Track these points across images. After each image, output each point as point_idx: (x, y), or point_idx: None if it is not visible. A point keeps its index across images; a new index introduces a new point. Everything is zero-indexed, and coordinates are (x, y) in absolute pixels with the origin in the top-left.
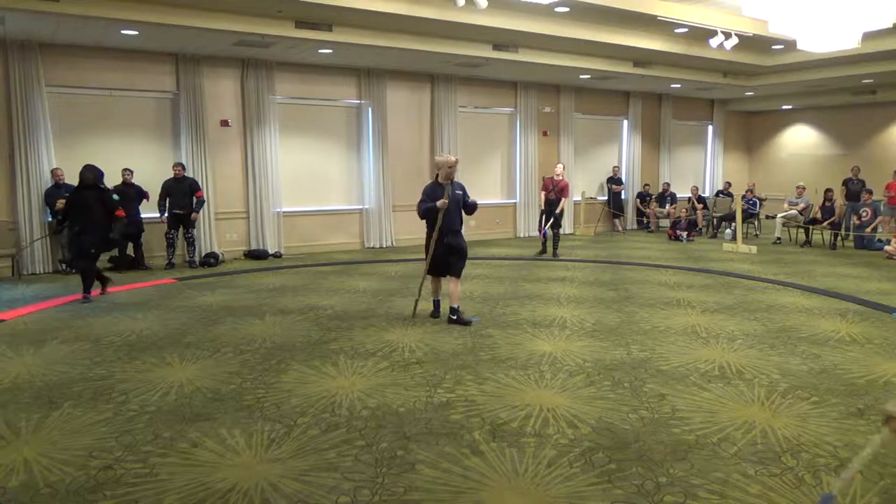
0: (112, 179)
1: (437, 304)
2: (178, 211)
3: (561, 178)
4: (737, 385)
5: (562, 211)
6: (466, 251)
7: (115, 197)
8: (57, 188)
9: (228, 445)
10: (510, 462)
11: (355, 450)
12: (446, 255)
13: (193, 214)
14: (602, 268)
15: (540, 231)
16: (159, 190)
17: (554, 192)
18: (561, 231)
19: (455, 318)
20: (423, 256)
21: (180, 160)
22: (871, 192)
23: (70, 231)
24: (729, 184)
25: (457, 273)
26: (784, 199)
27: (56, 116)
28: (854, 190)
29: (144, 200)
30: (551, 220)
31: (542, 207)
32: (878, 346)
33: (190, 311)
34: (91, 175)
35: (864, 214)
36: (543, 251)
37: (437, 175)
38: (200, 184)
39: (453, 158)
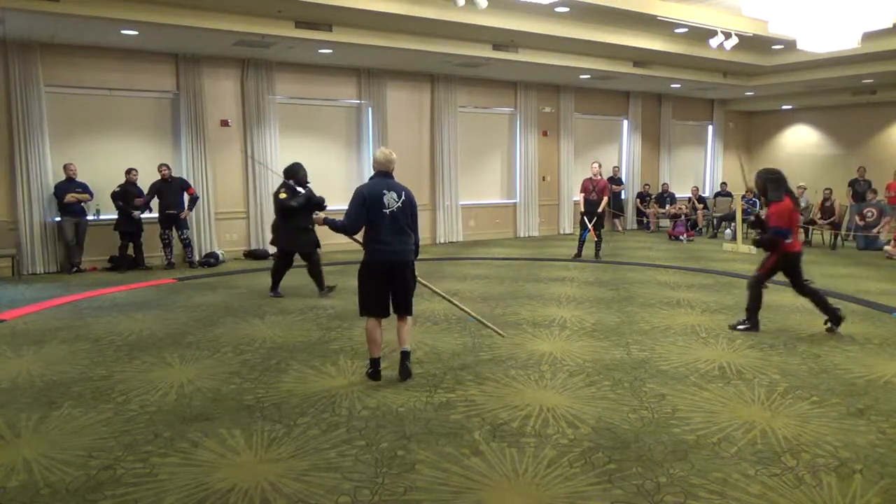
0: (113, 179)
1: (377, 363)
2: (171, 211)
3: (599, 177)
4: (737, 385)
5: (603, 210)
6: (414, 273)
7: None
8: (69, 182)
9: (228, 445)
10: (510, 462)
11: (355, 450)
12: (391, 286)
13: (184, 213)
14: (602, 268)
15: (582, 235)
16: (146, 191)
17: (595, 193)
18: (602, 231)
19: (408, 364)
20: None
21: (167, 161)
22: (875, 192)
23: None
24: (725, 184)
25: (407, 308)
26: None
27: (56, 116)
28: (861, 191)
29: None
30: (594, 220)
31: (583, 209)
32: (878, 346)
33: (190, 311)
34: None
35: (870, 215)
36: (579, 254)
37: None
38: (199, 183)
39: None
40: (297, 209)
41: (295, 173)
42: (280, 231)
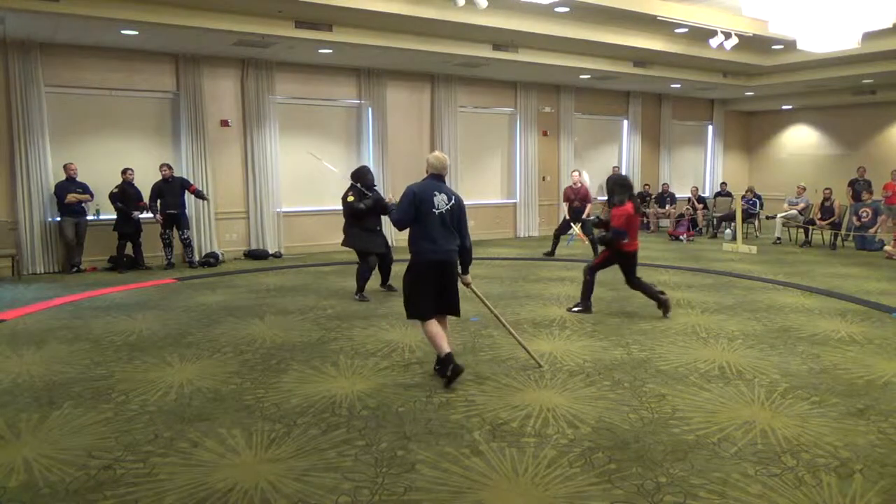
0: (113, 179)
1: (451, 357)
2: (171, 211)
3: (579, 185)
4: (737, 385)
5: (589, 216)
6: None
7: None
8: (70, 182)
9: (228, 445)
10: (510, 462)
11: (355, 450)
12: (438, 286)
13: (200, 191)
14: None
15: (560, 236)
16: (149, 192)
17: (578, 201)
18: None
19: (442, 367)
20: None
21: (167, 161)
22: (870, 192)
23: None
24: (725, 184)
25: (456, 309)
26: (784, 199)
27: (56, 116)
28: (860, 191)
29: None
30: (581, 225)
31: (567, 217)
32: (878, 346)
33: (190, 311)
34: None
35: (865, 215)
36: (552, 252)
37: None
38: (199, 184)
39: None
40: (365, 212)
41: (362, 176)
42: (350, 233)
